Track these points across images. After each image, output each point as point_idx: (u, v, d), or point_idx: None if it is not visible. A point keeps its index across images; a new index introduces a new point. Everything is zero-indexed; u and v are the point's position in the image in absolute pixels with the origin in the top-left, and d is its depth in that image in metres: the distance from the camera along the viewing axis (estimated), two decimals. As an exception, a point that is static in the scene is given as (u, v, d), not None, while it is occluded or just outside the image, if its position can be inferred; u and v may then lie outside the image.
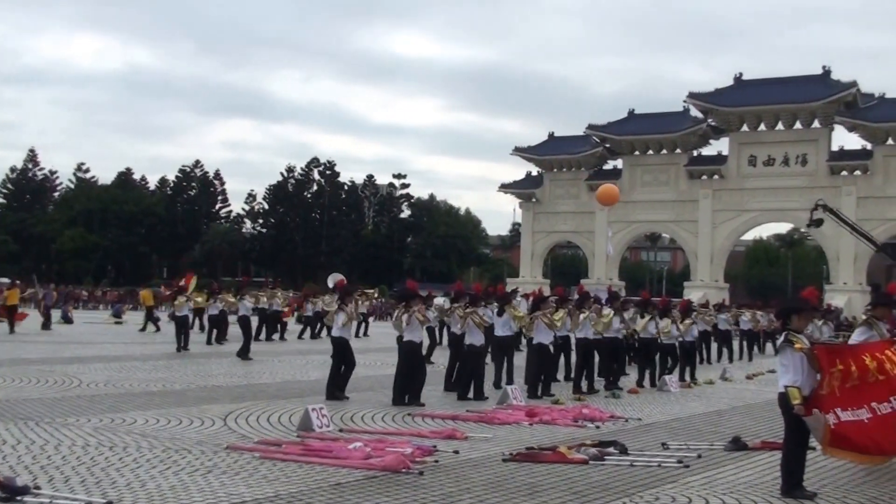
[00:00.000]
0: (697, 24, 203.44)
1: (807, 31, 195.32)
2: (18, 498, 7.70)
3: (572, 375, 20.12)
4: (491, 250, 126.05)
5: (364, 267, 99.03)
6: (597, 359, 19.90)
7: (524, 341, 22.00)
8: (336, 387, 16.28)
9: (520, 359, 20.33)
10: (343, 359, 16.51)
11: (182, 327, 27.53)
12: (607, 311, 20.43)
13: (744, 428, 14.06)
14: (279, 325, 34.57)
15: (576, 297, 21.08)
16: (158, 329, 36.38)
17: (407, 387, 15.86)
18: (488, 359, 18.73)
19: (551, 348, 18.65)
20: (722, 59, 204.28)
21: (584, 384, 18.91)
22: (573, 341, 20.14)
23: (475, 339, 17.36)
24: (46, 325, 36.92)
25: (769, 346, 35.20)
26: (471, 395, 16.91)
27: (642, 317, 21.49)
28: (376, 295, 34.32)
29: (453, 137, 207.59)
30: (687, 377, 21.95)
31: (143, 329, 37.14)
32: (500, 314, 18.47)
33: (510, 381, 18.45)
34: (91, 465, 9.56)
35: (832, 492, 9.39)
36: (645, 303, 22.75)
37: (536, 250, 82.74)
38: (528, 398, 16.93)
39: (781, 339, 9.28)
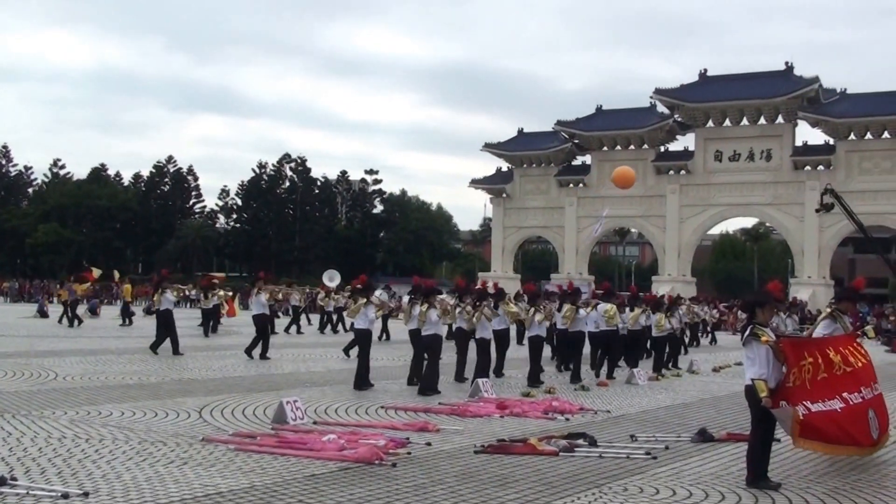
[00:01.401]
0: (662, 20, 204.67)
1: (769, 28, 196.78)
2: (-5, 489, 7.71)
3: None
4: (462, 245, 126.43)
5: (337, 262, 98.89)
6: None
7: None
8: (364, 378, 17.03)
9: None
10: (363, 350, 17.24)
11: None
12: (609, 305, 21.47)
13: (710, 420, 14.25)
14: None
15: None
16: (78, 322, 36.22)
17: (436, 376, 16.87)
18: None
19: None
20: (687, 55, 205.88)
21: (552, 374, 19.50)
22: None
23: (485, 332, 18.12)
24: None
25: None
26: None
27: (632, 310, 22.48)
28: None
29: (424, 133, 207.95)
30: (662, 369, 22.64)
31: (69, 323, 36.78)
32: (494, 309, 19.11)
33: (499, 372, 19.84)
34: (67, 456, 9.61)
35: (796, 482, 9.54)
36: (634, 297, 23.81)
37: (507, 245, 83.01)
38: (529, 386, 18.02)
39: (747, 332, 9.42)
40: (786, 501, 8.69)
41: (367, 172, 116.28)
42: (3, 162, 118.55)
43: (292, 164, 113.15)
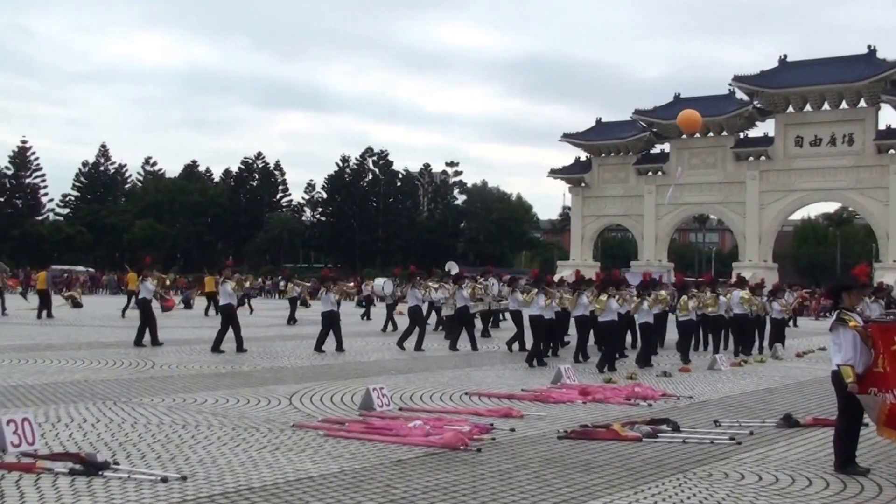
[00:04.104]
0: (740, 7, 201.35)
1: (850, 10, 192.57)
2: (99, 473, 8.04)
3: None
4: (542, 234, 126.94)
5: (419, 252, 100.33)
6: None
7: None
8: (539, 357, 19.77)
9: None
10: (549, 334, 20.47)
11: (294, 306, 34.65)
12: (745, 291, 24.27)
13: (795, 405, 14.15)
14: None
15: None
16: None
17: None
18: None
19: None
20: (766, 41, 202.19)
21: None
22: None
23: (648, 318, 20.55)
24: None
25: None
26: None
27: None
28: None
29: (504, 125, 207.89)
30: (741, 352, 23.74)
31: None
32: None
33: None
34: (165, 441, 9.91)
35: (885, 468, 9.45)
36: (759, 285, 26.61)
37: (586, 234, 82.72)
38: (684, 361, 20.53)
39: (833, 317, 9.35)
40: (875, 487, 8.59)
41: (447, 164, 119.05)
42: (102, 160, 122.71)
43: (374, 158, 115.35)
